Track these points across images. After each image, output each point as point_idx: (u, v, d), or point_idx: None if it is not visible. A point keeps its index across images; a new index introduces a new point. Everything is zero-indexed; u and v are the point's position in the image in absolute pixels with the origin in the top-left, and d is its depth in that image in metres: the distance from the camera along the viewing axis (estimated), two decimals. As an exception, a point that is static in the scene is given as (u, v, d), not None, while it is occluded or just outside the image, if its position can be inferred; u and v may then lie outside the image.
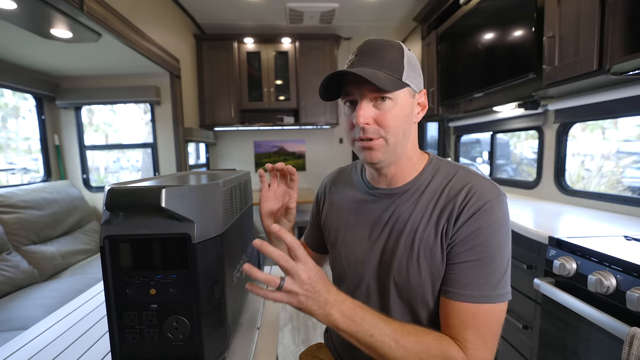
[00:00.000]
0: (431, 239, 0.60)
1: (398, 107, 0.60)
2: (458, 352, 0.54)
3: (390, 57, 0.60)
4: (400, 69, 0.59)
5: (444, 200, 0.61)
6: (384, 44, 0.61)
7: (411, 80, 0.61)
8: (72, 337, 0.73)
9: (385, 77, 0.57)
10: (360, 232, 0.70)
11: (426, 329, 0.56)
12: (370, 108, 0.60)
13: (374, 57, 0.60)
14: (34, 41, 1.83)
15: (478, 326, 0.55)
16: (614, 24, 1.14)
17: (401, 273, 0.62)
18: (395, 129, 0.60)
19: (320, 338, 1.97)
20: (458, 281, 0.57)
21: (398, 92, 0.60)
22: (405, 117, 0.61)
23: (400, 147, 0.63)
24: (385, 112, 0.60)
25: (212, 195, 0.57)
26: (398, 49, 0.61)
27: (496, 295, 0.55)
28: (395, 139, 0.61)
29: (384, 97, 0.59)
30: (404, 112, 0.61)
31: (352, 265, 0.70)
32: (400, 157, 0.64)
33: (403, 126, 0.61)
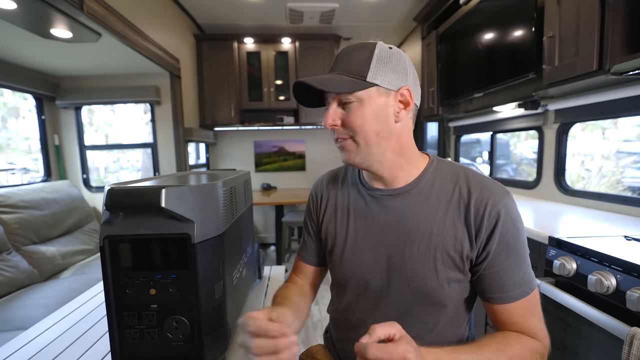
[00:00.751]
0: (448, 244, 0.60)
1: (365, 107, 0.60)
2: (535, 342, 0.58)
3: (357, 59, 0.60)
4: (365, 69, 0.59)
5: (456, 205, 0.61)
6: (356, 48, 0.62)
7: (381, 79, 0.59)
8: (72, 337, 0.73)
9: (342, 80, 0.59)
10: (362, 237, 0.68)
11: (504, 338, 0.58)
12: (337, 110, 0.62)
13: (342, 62, 0.62)
14: (34, 41, 1.83)
15: (533, 312, 0.60)
16: (614, 24, 1.14)
17: (417, 278, 0.62)
18: (363, 129, 0.60)
19: (320, 338, 1.96)
20: (503, 286, 0.59)
21: (362, 92, 0.59)
22: (376, 117, 0.60)
23: (375, 147, 0.62)
24: (350, 113, 0.61)
25: (212, 195, 0.57)
26: (369, 50, 0.60)
27: (532, 279, 0.61)
28: (365, 139, 0.61)
29: (347, 100, 0.60)
30: (374, 111, 0.60)
31: (357, 271, 0.68)
32: (383, 157, 0.63)
33: (374, 126, 0.60)
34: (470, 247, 0.60)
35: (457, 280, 0.61)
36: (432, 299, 0.62)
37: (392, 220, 0.65)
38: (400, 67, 0.61)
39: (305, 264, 0.80)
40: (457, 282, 0.62)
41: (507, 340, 0.57)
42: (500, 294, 0.60)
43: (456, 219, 0.60)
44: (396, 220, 0.65)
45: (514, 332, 0.60)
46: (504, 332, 0.61)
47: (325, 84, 0.59)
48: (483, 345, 0.56)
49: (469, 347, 0.55)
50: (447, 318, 0.64)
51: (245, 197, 0.83)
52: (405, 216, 0.64)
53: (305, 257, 0.81)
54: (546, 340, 0.60)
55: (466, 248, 0.60)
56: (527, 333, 0.59)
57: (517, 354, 0.55)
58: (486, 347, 0.55)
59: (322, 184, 0.79)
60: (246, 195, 0.84)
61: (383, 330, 0.47)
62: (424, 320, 0.64)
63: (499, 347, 0.55)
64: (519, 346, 0.57)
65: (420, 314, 0.64)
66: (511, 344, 0.56)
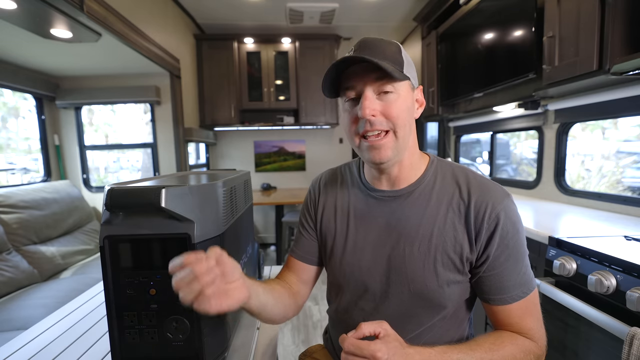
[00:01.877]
0: (448, 246, 0.60)
1: (401, 99, 0.59)
2: (530, 343, 0.58)
3: (391, 51, 0.60)
4: (401, 62, 0.59)
5: (456, 207, 0.61)
6: (382, 41, 0.61)
7: (411, 75, 0.61)
8: (72, 337, 0.73)
9: (390, 67, 0.57)
10: (362, 238, 0.67)
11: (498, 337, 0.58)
12: (375, 100, 0.59)
13: (375, 50, 0.58)
14: (34, 41, 1.83)
15: (531, 313, 0.61)
16: (614, 24, 1.14)
17: (416, 280, 0.61)
18: (402, 120, 0.59)
19: (320, 338, 1.97)
20: (503, 287, 0.59)
21: (401, 84, 0.59)
22: (409, 110, 0.61)
23: (406, 141, 0.62)
24: (391, 103, 0.58)
25: (212, 195, 0.57)
26: (396, 45, 0.61)
27: (531, 279, 0.61)
28: (403, 131, 0.60)
29: (388, 90, 0.58)
30: (407, 104, 0.60)
31: (356, 273, 0.67)
32: (405, 153, 0.63)
33: (408, 119, 0.61)
34: (469, 249, 0.60)
35: (456, 282, 0.61)
36: (431, 301, 0.62)
37: (392, 222, 0.65)
38: (415, 68, 0.64)
39: (298, 262, 0.76)
40: (457, 283, 0.61)
41: (500, 340, 0.57)
42: (500, 295, 0.60)
43: (456, 221, 0.60)
44: (397, 222, 0.64)
45: (508, 332, 0.60)
46: (498, 332, 0.61)
47: (384, 65, 0.55)
48: (476, 344, 0.56)
49: (461, 346, 0.55)
50: (447, 319, 0.64)
51: (245, 197, 0.83)
52: (406, 217, 0.64)
53: (299, 254, 0.76)
54: (542, 341, 0.60)
55: (466, 250, 0.60)
56: (524, 334, 0.60)
57: (510, 354, 0.55)
58: (478, 347, 0.55)
59: (321, 183, 0.78)
60: (246, 195, 0.84)
61: (369, 327, 0.49)
62: (424, 321, 0.64)
63: (492, 347, 0.55)
64: (512, 346, 0.57)
65: (420, 315, 0.64)
66: (504, 344, 0.56)
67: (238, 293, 0.48)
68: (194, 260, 0.44)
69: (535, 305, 0.61)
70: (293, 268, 0.76)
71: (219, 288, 0.46)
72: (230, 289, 0.47)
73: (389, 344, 0.47)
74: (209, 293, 0.43)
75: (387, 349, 0.47)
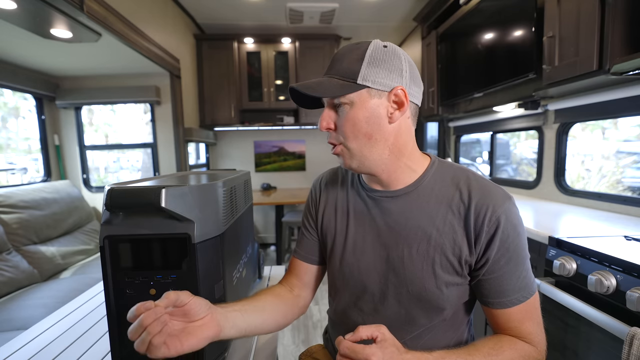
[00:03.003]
0: (447, 248, 0.60)
1: (356, 110, 0.59)
2: (529, 347, 0.58)
3: (348, 61, 0.59)
4: (355, 71, 0.58)
5: (456, 209, 0.60)
6: (350, 48, 0.60)
7: (372, 80, 0.58)
8: (72, 337, 0.73)
9: (332, 84, 0.58)
10: (361, 238, 0.67)
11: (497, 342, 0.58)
12: (331, 114, 0.62)
13: (334, 65, 0.61)
14: (34, 41, 1.83)
15: (531, 317, 0.60)
16: (614, 24, 1.14)
17: (415, 282, 0.61)
18: (353, 133, 0.59)
19: (320, 338, 1.97)
20: (503, 291, 0.59)
21: (352, 95, 0.58)
22: (367, 120, 0.59)
23: (369, 150, 0.60)
24: (342, 117, 0.60)
25: (212, 195, 0.57)
26: (361, 50, 0.59)
27: (532, 283, 0.60)
28: (355, 143, 0.60)
29: (338, 103, 0.60)
30: (364, 114, 0.58)
31: (356, 273, 0.67)
32: (379, 159, 0.61)
33: (365, 129, 0.59)
34: (469, 252, 0.59)
35: (455, 284, 0.61)
36: (430, 302, 0.61)
37: (391, 223, 0.64)
38: (395, 67, 0.59)
39: (302, 263, 0.76)
40: (456, 286, 0.61)
41: (499, 344, 0.57)
42: (499, 299, 0.59)
43: (456, 223, 0.60)
44: (395, 223, 0.64)
45: (507, 336, 0.60)
46: (497, 336, 0.60)
47: (314, 89, 0.58)
48: (474, 349, 0.55)
49: (459, 351, 0.55)
50: (446, 321, 0.64)
51: (245, 197, 0.83)
52: (405, 218, 0.63)
53: (302, 255, 0.76)
54: (542, 346, 0.60)
55: (465, 253, 0.59)
56: (524, 338, 0.59)
57: (509, 359, 0.55)
58: (477, 352, 0.55)
59: (322, 183, 0.78)
60: (246, 195, 0.84)
61: (367, 331, 0.49)
62: (423, 323, 0.63)
63: (490, 352, 0.55)
64: (511, 351, 0.56)
65: (419, 317, 0.63)
66: (503, 349, 0.56)
67: (205, 330, 0.48)
68: (143, 311, 0.43)
69: (536, 309, 0.61)
70: (295, 270, 0.77)
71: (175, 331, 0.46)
72: (195, 328, 0.47)
73: (385, 349, 0.47)
74: (156, 342, 0.43)
75: (383, 354, 0.46)
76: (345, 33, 3.42)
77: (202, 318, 0.48)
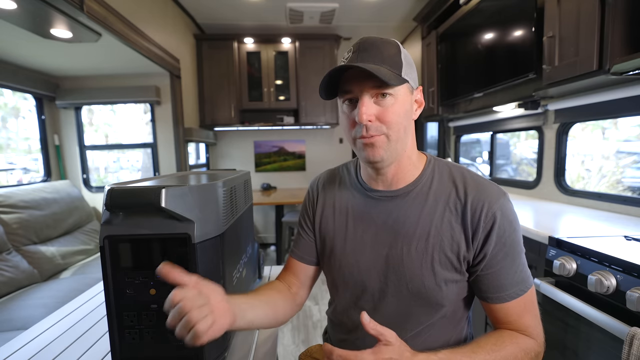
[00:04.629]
0: (445, 245, 0.60)
1: (399, 103, 0.59)
2: (529, 340, 0.59)
3: (389, 53, 0.59)
4: (400, 64, 0.59)
5: (453, 206, 0.61)
6: (381, 41, 0.60)
7: (409, 77, 0.60)
8: (72, 337, 0.73)
9: (387, 72, 0.57)
10: (360, 238, 0.67)
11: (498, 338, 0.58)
12: (372, 104, 0.59)
13: (372, 53, 0.58)
14: (34, 41, 1.83)
15: (529, 310, 0.61)
16: (614, 24, 1.14)
17: (414, 279, 0.62)
18: (397, 125, 0.59)
19: (320, 338, 1.96)
20: (500, 285, 0.60)
21: (399, 87, 0.59)
22: (406, 114, 0.61)
23: (401, 144, 0.62)
24: (387, 108, 0.59)
25: (212, 195, 0.57)
26: (395, 46, 0.60)
27: (528, 277, 0.61)
28: (397, 135, 0.60)
29: (385, 93, 0.58)
30: (404, 108, 0.60)
31: (355, 272, 0.67)
32: (401, 155, 0.63)
33: (404, 122, 0.60)
34: (466, 248, 0.60)
35: (454, 281, 0.62)
36: (429, 300, 0.62)
37: (390, 221, 0.65)
38: (415, 68, 0.63)
39: (298, 262, 0.76)
40: (455, 282, 0.62)
41: (501, 340, 0.58)
42: (498, 293, 0.60)
43: (453, 220, 0.61)
44: (394, 222, 0.64)
45: (508, 331, 0.60)
46: (498, 332, 0.61)
47: (379, 73, 0.54)
48: (477, 346, 0.56)
49: (463, 349, 0.55)
50: (446, 317, 0.64)
51: (245, 197, 0.83)
52: (403, 217, 0.64)
53: (299, 255, 0.76)
54: (541, 338, 0.61)
55: (462, 249, 0.60)
56: (523, 331, 0.60)
57: (511, 354, 0.56)
58: (480, 349, 0.55)
59: (319, 183, 0.78)
60: (246, 195, 0.84)
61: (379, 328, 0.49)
62: (422, 320, 0.64)
63: (493, 348, 0.56)
64: (513, 346, 0.57)
65: (418, 314, 0.64)
66: (505, 344, 0.57)
67: (223, 319, 0.48)
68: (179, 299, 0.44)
69: (533, 302, 0.62)
70: (292, 269, 0.77)
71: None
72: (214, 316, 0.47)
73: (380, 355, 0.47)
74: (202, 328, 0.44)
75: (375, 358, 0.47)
76: (345, 33, 3.42)
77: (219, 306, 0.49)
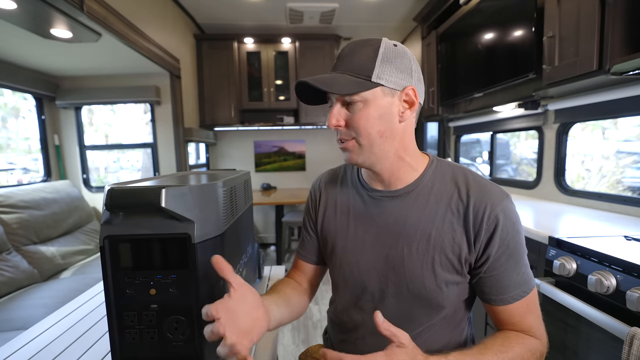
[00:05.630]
0: (447, 247, 0.60)
1: (370, 108, 0.58)
2: (535, 341, 0.60)
3: (360, 58, 0.58)
4: (369, 69, 0.57)
5: (455, 208, 0.61)
6: (360, 45, 0.60)
7: (386, 79, 0.58)
8: (72, 337, 0.73)
9: (346, 81, 0.57)
10: (361, 238, 0.67)
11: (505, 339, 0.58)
12: (342, 111, 0.61)
13: (345, 60, 0.60)
14: (34, 41, 1.83)
15: (532, 310, 0.62)
16: (614, 24, 1.14)
17: (415, 280, 0.61)
18: (367, 130, 0.59)
19: (320, 338, 1.97)
20: (504, 287, 0.60)
21: (367, 93, 0.58)
22: (381, 118, 0.59)
23: (379, 147, 0.61)
24: (355, 113, 0.59)
25: (212, 195, 0.57)
26: (373, 48, 0.59)
27: (531, 278, 0.62)
28: (367, 140, 0.60)
29: (352, 100, 0.58)
30: (379, 112, 0.59)
31: (355, 272, 0.67)
32: (385, 157, 0.62)
33: (378, 127, 0.59)
34: (468, 250, 0.60)
35: (455, 283, 0.61)
36: (430, 301, 0.62)
37: (391, 222, 0.65)
38: (405, 66, 0.60)
39: (304, 262, 0.79)
40: (455, 284, 0.61)
41: (507, 341, 0.58)
42: (501, 295, 0.60)
43: (455, 222, 0.60)
44: (395, 222, 0.64)
45: (514, 332, 0.60)
46: (504, 333, 0.61)
47: (329, 85, 0.57)
48: (485, 348, 0.56)
49: (471, 351, 0.55)
50: (446, 319, 0.64)
51: (245, 197, 0.83)
52: (404, 218, 0.63)
53: (304, 255, 0.79)
54: (544, 338, 0.61)
55: (464, 251, 0.60)
56: (527, 332, 0.60)
57: (518, 355, 0.56)
58: (487, 350, 0.55)
59: (321, 183, 0.78)
60: (246, 195, 0.84)
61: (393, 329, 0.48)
62: (423, 321, 0.64)
63: (501, 349, 0.56)
64: (520, 347, 0.57)
65: (419, 315, 0.64)
66: (512, 345, 0.57)
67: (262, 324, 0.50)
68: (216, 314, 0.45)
69: (535, 303, 0.62)
70: (300, 268, 0.80)
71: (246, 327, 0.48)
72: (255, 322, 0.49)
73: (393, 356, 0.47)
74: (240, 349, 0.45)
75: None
76: (345, 33, 3.42)
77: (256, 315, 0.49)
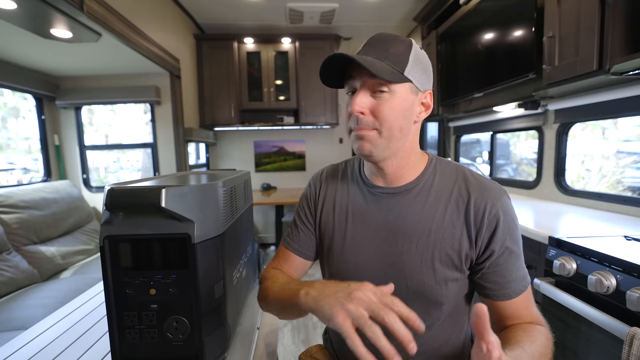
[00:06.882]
0: (447, 243, 0.61)
1: (396, 100, 0.58)
2: (545, 329, 0.60)
3: (395, 50, 0.59)
4: (404, 62, 0.58)
5: (455, 204, 0.61)
6: (393, 38, 0.60)
7: (415, 77, 0.59)
8: (72, 337, 0.73)
9: (384, 67, 0.57)
10: (360, 234, 0.68)
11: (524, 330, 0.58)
12: (367, 97, 0.59)
13: (378, 48, 0.59)
14: (34, 41, 1.83)
15: (532, 301, 0.64)
16: (614, 24, 1.14)
17: (414, 277, 0.62)
18: (390, 122, 0.58)
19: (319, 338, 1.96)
20: (508, 282, 0.61)
21: (397, 85, 0.58)
22: (403, 113, 0.59)
23: (395, 143, 0.60)
24: (382, 103, 0.58)
25: (212, 195, 0.57)
26: (406, 44, 0.60)
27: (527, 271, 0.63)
28: (389, 132, 0.59)
29: (382, 89, 0.58)
30: (402, 107, 0.59)
31: (354, 268, 0.67)
32: (395, 154, 0.62)
33: (400, 122, 0.59)
34: (469, 246, 0.60)
35: (454, 279, 0.62)
36: (429, 298, 0.62)
37: (390, 218, 0.65)
38: (429, 70, 0.63)
39: (292, 254, 0.75)
40: (455, 281, 0.62)
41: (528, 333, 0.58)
42: (505, 290, 0.61)
43: (455, 218, 0.61)
44: (395, 219, 0.65)
45: (526, 324, 0.61)
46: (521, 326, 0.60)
47: (371, 66, 0.55)
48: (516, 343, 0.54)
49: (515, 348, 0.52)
50: (446, 315, 0.65)
51: (245, 197, 0.83)
52: (404, 214, 0.64)
53: (296, 248, 0.75)
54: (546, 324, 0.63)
55: (465, 247, 0.60)
56: (535, 322, 0.62)
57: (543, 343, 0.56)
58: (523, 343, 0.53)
59: (322, 177, 0.78)
60: (246, 195, 0.84)
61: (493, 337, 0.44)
62: (422, 318, 0.63)
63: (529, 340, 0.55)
64: (541, 336, 0.58)
65: (418, 312, 0.63)
66: (535, 336, 0.57)
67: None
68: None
69: (531, 293, 0.65)
70: (288, 261, 0.76)
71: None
72: None
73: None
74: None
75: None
76: (345, 33, 3.42)
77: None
